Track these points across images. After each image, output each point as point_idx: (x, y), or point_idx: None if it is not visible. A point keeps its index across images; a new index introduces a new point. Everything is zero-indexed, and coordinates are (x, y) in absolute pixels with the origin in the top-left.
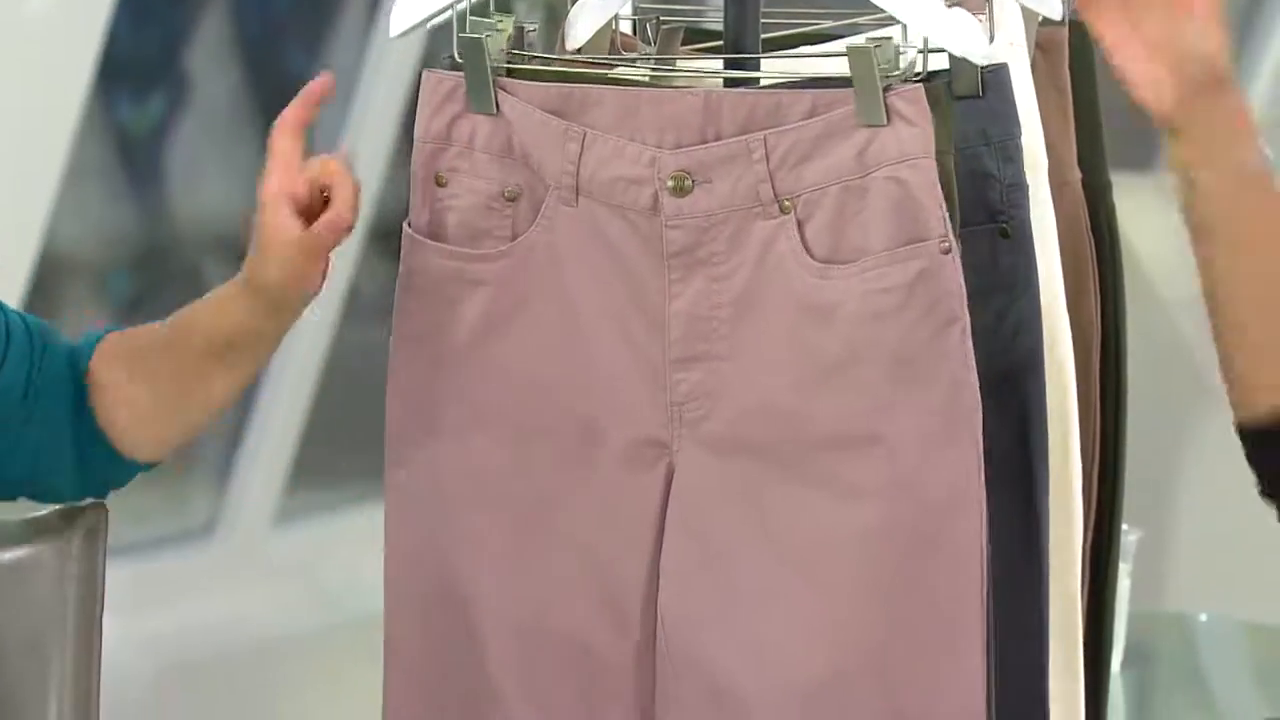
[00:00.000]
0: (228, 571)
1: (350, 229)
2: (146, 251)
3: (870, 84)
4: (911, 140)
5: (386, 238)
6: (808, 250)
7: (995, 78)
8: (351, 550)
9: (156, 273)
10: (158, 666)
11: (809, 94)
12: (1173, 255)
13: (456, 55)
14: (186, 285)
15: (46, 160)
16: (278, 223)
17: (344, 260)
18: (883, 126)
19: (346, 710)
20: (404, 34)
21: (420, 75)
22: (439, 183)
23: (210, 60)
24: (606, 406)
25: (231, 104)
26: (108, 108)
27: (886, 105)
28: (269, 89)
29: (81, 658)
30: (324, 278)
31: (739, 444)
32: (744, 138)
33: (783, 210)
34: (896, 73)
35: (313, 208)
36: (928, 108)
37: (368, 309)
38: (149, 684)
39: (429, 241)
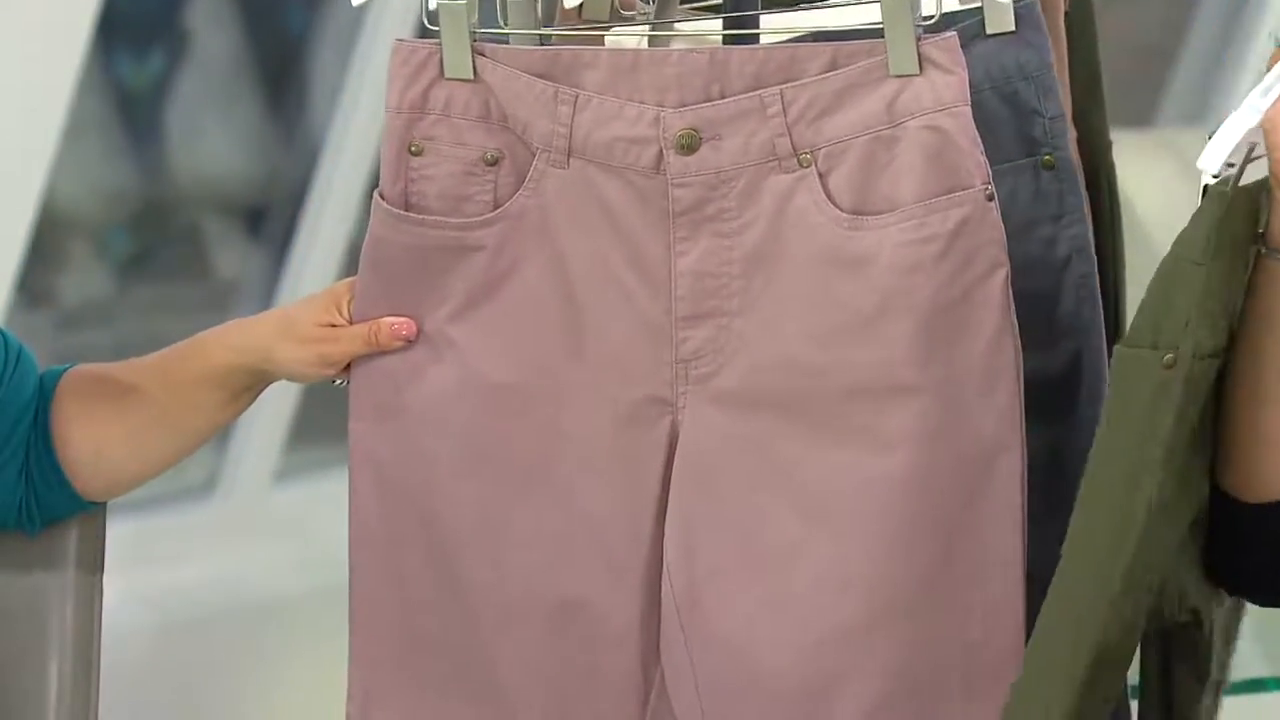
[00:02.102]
0: (228, 529)
1: (375, 348)
2: (145, 209)
3: (904, 34)
4: (948, 88)
5: None
6: (833, 202)
7: (1027, 11)
8: None
9: (155, 230)
10: (158, 623)
11: (828, 47)
12: (1174, 213)
13: (426, 22)
14: (185, 243)
15: (46, 117)
16: (324, 307)
17: (343, 222)
18: (915, 76)
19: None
20: (363, 2)
21: (421, 30)
22: (413, 152)
23: (210, 17)
24: (605, 368)
25: (231, 61)
26: (107, 64)
27: (920, 54)
28: (269, 46)
29: (82, 614)
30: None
31: (753, 398)
32: (758, 93)
33: (801, 164)
34: (925, 20)
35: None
36: (962, 55)
37: None
38: (149, 641)
39: (405, 213)
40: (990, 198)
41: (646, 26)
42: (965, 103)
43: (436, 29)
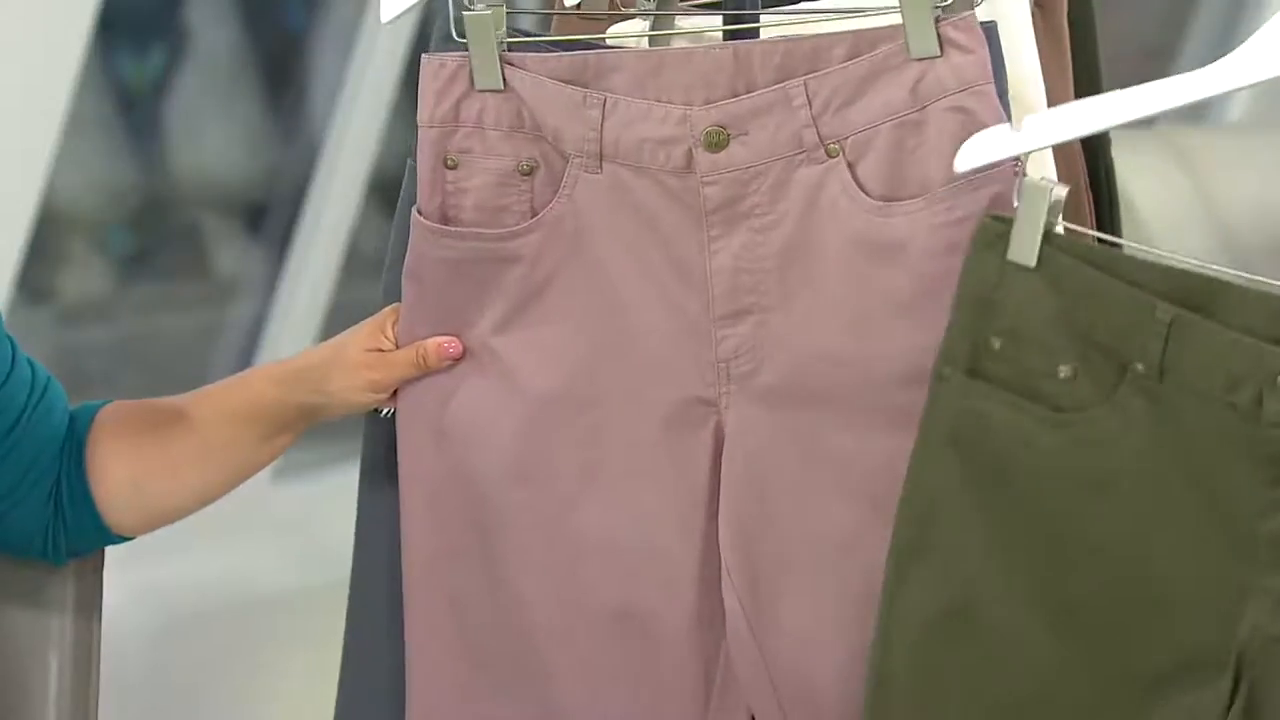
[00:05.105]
0: (227, 526)
1: (424, 371)
2: (146, 206)
3: (923, 16)
4: (970, 67)
5: (384, 193)
6: (863, 190)
7: (988, 33)
8: (351, 505)
9: (156, 228)
10: (158, 620)
11: (849, 34)
12: (1174, 212)
13: (455, 34)
14: (185, 240)
15: (46, 114)
16: (369, 333)
17: (342, 216)
18: (936, 58)
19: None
20: (394, 19)
21: (421, 28)
22: (449, 165)
23: (210, 14)
24: (647, 371)
25: (232, 58)
26: (107, 62)
27: (940, 36)
28: (268, 44)
29: (82, 614)
30: (371, 397)
31: (797, 393)
32: (782, 86)
33: (830, 154)
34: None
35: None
36: (982, 34)
37: (367, 266)
38: (149, 638)
39: (443, 227)
40: (1020, 173)
41: (646, 24)
42: (988, 80)
43: (464, 40)
